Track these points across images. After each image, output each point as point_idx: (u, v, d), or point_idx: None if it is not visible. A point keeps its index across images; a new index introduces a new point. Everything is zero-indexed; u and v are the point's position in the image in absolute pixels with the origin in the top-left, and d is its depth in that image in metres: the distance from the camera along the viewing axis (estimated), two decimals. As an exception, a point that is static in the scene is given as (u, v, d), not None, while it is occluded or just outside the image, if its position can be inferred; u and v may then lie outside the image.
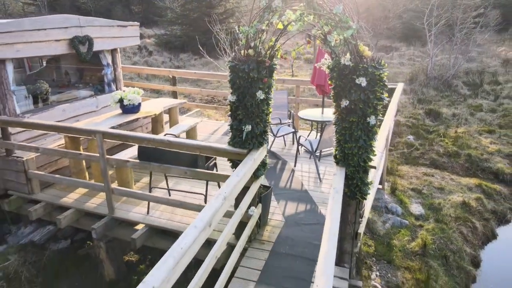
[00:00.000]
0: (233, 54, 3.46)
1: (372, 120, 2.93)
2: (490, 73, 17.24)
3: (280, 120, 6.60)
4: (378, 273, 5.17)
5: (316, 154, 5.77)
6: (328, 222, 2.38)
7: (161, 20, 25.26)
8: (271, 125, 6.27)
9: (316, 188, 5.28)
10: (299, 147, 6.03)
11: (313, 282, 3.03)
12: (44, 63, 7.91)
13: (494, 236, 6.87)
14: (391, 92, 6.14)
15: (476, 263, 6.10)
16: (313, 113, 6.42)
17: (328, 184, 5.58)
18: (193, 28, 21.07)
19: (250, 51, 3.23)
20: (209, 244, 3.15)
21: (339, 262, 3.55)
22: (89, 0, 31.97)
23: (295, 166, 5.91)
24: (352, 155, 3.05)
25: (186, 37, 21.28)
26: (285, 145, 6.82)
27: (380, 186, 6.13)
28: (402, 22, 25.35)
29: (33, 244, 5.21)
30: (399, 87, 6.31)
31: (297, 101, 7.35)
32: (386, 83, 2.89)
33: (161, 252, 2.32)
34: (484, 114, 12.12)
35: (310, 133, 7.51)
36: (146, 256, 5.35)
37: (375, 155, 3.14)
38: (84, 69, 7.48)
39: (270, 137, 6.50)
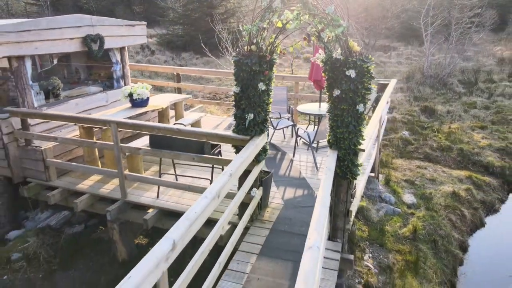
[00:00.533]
0: (237, 50, 3.84)
1: (360, 107, 3.32)
2: (486, 71, 17.62)
3: (280, 114, 6.98)
4: (370, 255, 5.56)
5: (314, 145, 6.15)
6: (321, 191, 2.77)
7: (163, 20, 25.64)
8: (271, 119, 6.65)
9: (313, 176, 5.67)
10: (298, 138, 6.42)
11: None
12: (55, 61, 8.30)
13: (482, 224, 7.26)
14: (384, 87, 6.54)
15: (464, 248, 6.49)
16: (311, 107, 6.81)
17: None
18: (195, 28, 21.46)
19: (253, 47, 3.62)
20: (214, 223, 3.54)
21: (332, 237, 3.93)
22: (91, 0, 32.34)
23: (293, 156, 6.30)
24: (343, 139, 3.44)
25: (188, 36, 21.67)
26: (285, 138, 7.21)
27: (373, 174, 6.51)
28: (400, 22, 25.72)
29: (50, 228, 5.59)
30: (392, 83, 6.70)
31: (296, 97, 7.74)
32: (373, 75, 3.27)
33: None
34: (478, 111, 12.50)
35: (308, 126, 7.89)
36: (155, 239, 5.73)
37: (364, 139, 3.52)
38: (93, 66, 7.87)
39: (270, 130, 6.89)
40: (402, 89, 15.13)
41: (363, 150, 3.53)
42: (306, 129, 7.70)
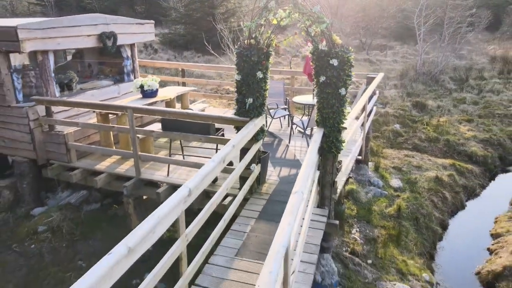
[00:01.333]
0: (238, 43, 4.48)
1: (342, 91, 3.96)
2: (477, 69, 18.28)
3: (277, 106, 7.62)
4: (358, 229, 6.20)
5: (307, 132, 6.80)
6: (308, 156, 3.41)
7: (165, 19, 26.26)
8: (269, 109, 7.29)
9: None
10: (293, 126, 7.07)
11: (303, 219, 4.02)
12: (68, 58, 8.93)
13: (462, 206, 7.91)
14: (372, 80, 7.17)
15: (444, 226, 7.14)
16: (305, 99, 7.45)
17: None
18: (197, 27, 22.10)
19: (252, 41, 4.25)
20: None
21: (320, 205, 4.57)
22: (94, 0, 32.97)
23: (289, 142, 6.94)
24: (329, 118, 4.08)
25: (190, 35, 22.31)
26: (281, 127, 7.85)
27: (360, 157, 7.11)
28: (396, 21, 26.35)
29: (70, 205, 6.24)
30: (379, 76, 7.34)
31: (292, 90, 8.38)
32: (352, 64, 3.91)
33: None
34: (467, 106, 13.14)
35: (302, 116, 8.53)
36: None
37: (346, 119, 4.16)
38: (104, 62, 8.50)
39: (268, 119, 7.53)
40: (396, 85, 15.77)
41: (345, 128, 4.17)
42: (301, 118, 8.35)
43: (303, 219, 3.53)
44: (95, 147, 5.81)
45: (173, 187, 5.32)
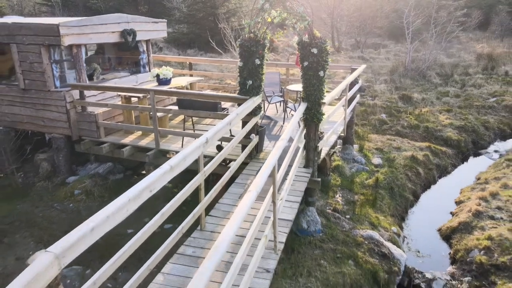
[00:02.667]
0: (241, 37, 5.65)
1: (321, 73, 5.13)
2: (463, 66, 19.45)
3: (273, 93, 8.79)
4: (340, 195, 7.37)
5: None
6: (292, 119, 4.59)
7: (169, 19, 27.40)
8: (267, 96, 8.46)
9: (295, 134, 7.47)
10: (287, 110, 8.24)
11: (290, 166, 5.17)
12: (89, 53, 10.09)
13: (434, 181, 9.09)
14: (354, 70, 8.34)
15: (416, 196, 8.32)
16: (297, 87, 8.62)
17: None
18: (199, 26, 23.30)
19: (251, 35, 5.43)
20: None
21: (306, 165, 5.75)
22: (99, 1, 34.14)
23: (283, 123, 8.12)
24: (311, 95, 5.25)
25: (193, 34, 23.51)
26: (277, 112, 9.03)
27: (343, 135, 8.25)
28: (390, 21, 27.54)
29: (99, 175, 7.41)
30: (362, 67, 8.52)
31: (287, 80, 9.56)
32: (329, 52, 5.08)
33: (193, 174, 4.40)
34: (449, 99, 14.31)
35: (295, 102, 9.71)
36: (178, 184, 7.54)
37: (325, 96, 5.34)
38: (122, 56, 9.68)
39: (266, 105, 8.70)
40: (386, 80, 16.95)
41: (324, 103, 5.34)
42: (294, 103, 9.53)
43: (290, 166, 4.72)
44: (122, 124, 6.99)
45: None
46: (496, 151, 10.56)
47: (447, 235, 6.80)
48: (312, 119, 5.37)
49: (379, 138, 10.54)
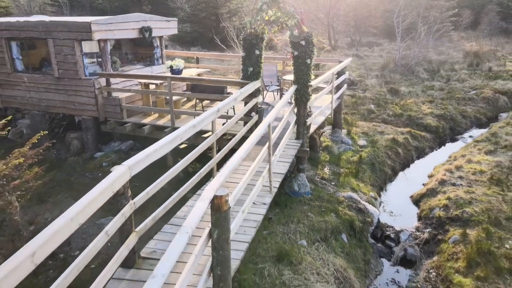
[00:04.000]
0: (243, 32, 6.90)
1: (308, 61, 6.39)
2: (451, 62, 20.71)
3: (271, 83, 10.05)
4: (328, 168, 8.62)
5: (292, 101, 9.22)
6: (284, 96, 5.84)
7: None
8: (265, 85, 9.70)
9: (292, 118, 8.73)
10: (283, 96, 9.50)
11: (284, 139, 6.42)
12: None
13: (412, 160, 10.35)
14: (341, 62, 9.59)
15: (395, 171, 9.58)
16: (292, 77, 9.86)
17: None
18: (202, 25, 24.58)
19: (252, 31, 6.68)
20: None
21: (297, 137, 7.01)
22: (105, 1, 35.39)
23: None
24: (300, 78, 6.52)
25: (196, 33, 24.77)
26: (274, 99, 10.29)
27: (330, 116, 9.49)
28: (384, 21, 28.80)
29: (122, 151, 8.66)
30: (348, 60, 9.78)
31: (283, 72, 10.82)
32: (314, 44, 6.34)
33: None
34: (434, 92, 15.58)
35: (292, 94, 10.97)
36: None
37: (312, 79, 6.60)
38: (137, 51, 10.93)
39: (265, 92, 9.96)
40: (377, 76, 18.21)
41: (311, 85, 6.60)
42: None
43: (284, 138, 5.97)
44: (142, 106, 8.26)
45: (198, 133, 7.75)
46: (470, 136, 11.81)
47: (417, 200, 8.06)
48: (301, 98, 6.63)
49: (366, 125, 11.80)
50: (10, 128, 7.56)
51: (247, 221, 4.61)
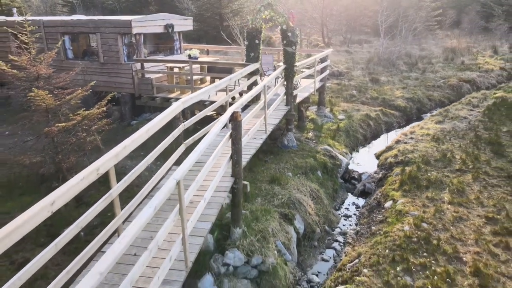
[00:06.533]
0: (246, 27, 9.40)
1: (293, 47, 8.91)
2: (430, 57, 23.23)
3: (268, 68, 12.56)
4: (312, 133, 11.12)
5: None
6: (276, 70, 8.36)
7: (179, 18, 31.16)
8: (264, 71, 12.19)
9: (282, 91, 11.24)
10: (277, 80, 12.04)
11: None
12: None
13: (382, 132, 12.87)
14: (324, 52, 12.12)
15: (366, 138, 12.10)
16: (285, 64, 12.39)
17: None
18: (207, 24, 27.09)
19: (253, 26, 9.19)
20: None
21: (286, 104, 9.53)
22: (115, 1, 37.91)
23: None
24: (287, 60, 9.04)
25: (202, 31, 27.27)
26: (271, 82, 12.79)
27: (313, 93, 12.00)
28: (374, 20, 31.28)
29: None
30: (329, 50, 12.29)
31: (279, 61, 13.34)
32: (298, 36, 8.84)
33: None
34: (410, 81, 18.09)
35: (285, 79, 13.48)
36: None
37: (297, 61, 9.12)
38: (159, 44, 13.44)
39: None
40: (362, 68, 20.71)
41: (296, 66, 9.11)
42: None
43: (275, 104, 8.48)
44: (169, 85, 10.78)
45: (211, 102, 10.27)
46: (432, 115, 14.30)
47: (378, 155, 10.59)
48: (289, 75, 9.15)
49: (347, 105, 14.31)
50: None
51: (249, 146, 7.07)
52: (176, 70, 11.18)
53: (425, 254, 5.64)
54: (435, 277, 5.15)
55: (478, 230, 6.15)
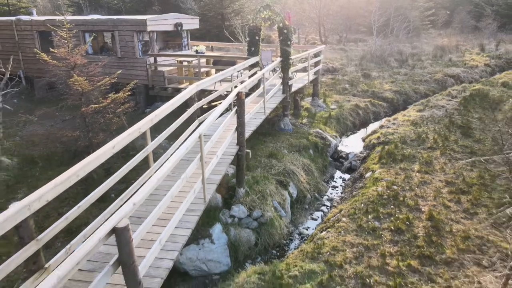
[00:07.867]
0: (248, 25, 10.78)
1: (288, 42, 10.29)
2: (420, 54, 24.59)
3: (267, 63, 13.93)
4: (306, 120, 12.50)
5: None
6: (274, 62, 9.74)
7: (183, 18, 32.55)
8: (263, 64, 13.57)
9: (279, 81, 12.62)
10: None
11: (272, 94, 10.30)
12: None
13: (370, 121, 14.25)
14: (318, 47, 13.50)
15: (355, 125, 13.48)
16: (282, 59, 13.78)
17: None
18: (209, 23, 28.46)
19: (254, 24, 10.57)
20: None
21: (283, 92, 10.91)
22: (120, 2, 39.30)
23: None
24: (283, 54, 10.42)
25: (205, 30, 28.62)
26: (269, 74, 14.18)
27: (307, 84, 13.39)
28: (369, 20, 32.64)
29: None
30: (322, 46, 13.67)
31: (277, 57, 14.72)
32: (292, 32, 10.22)
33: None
34: (399, 76, 19.45)
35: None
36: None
37: (292, 54, 10.50)
38: (168, 41, 14.83)
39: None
40: (356, 64, 22.08)
41: (291, 58, 10.48)
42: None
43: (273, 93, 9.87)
44: (178, 76, 12.17)
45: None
46: (415, 105, 15.67)
47: (364, 139, 11.97)
48: (285, 66, 10.54)
49: (340, 97, 15.69)
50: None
51: (250, 124, 8.44)
52: (185, 63, 12.56)
53: (392, 206, 7.03)
54: (398, 221, 6.53)
55: (438, 190, 7.54)
